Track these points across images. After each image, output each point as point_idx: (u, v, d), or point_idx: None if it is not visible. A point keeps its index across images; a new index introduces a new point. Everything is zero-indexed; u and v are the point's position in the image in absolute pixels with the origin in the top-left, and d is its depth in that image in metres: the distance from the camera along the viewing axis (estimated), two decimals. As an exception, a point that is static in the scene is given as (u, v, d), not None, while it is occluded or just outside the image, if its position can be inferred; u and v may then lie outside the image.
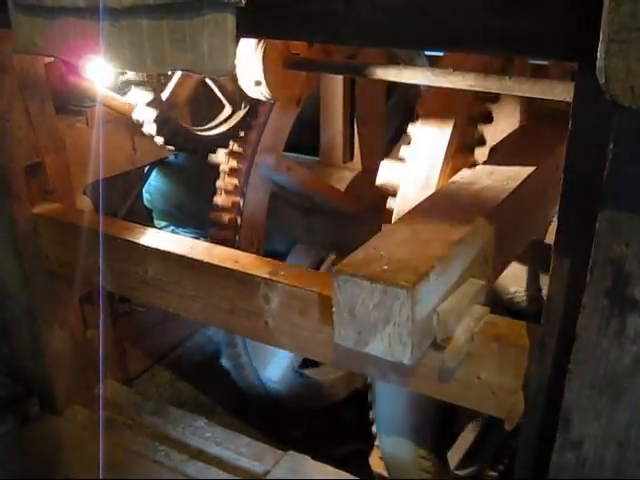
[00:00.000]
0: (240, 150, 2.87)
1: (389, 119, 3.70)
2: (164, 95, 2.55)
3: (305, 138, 3.38)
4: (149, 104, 2.39)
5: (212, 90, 2.76)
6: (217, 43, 1.19)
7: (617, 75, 0.90)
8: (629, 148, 0.99)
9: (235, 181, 2.88)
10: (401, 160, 2.19)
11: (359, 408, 2.61)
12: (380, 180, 2.23)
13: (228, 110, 2.82)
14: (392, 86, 3.57)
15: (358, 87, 3.42)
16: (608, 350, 1.14)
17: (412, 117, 2.23)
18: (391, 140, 3.81)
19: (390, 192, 2.20)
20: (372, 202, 3.12)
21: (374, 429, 2.50)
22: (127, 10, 1.22)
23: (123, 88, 2.50)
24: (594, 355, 1.16)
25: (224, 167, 2.90)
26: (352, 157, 3.56)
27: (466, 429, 2.76)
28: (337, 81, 3.39)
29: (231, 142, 2.90)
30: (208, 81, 2.71)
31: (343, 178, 3.49)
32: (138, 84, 2.33)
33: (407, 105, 3.75)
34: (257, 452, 2.42)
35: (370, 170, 3.36)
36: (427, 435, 2.42)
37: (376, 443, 2.57)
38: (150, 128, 2.48)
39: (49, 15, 1.39)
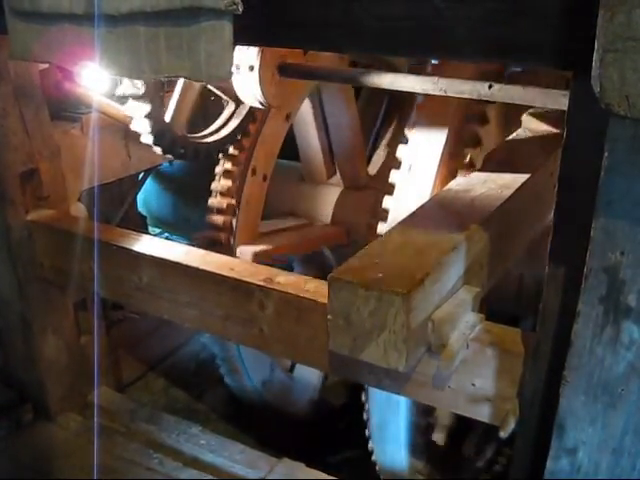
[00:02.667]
0: (236, 153, 2.86)
1: (364, 122, 3.52)
2: (170, 105, 2.55)
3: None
4: (147, 116, 2.37)
5: (208, 96, 2.76)
6: (214, 50, 1.19)
7: (612, 84, 0.91)
8: (623, 157, 1.00)
9: (229, 183, 2.87)
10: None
11: (355, 415, 2.61)
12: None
13: (229, 111, 2.80)
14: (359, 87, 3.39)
15: (324, 96, 3.16)
16: (603, 357, 1.15)
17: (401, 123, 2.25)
18: (374, 144, 3.74)
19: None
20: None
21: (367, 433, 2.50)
22: (124, 17, 1.22)
23: (120, 101, 2.49)
24: (589, 362, 1.16)
25: (219, 169, 2.90)
26: (335, 171, 3.41)
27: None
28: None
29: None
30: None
31: (329, 198, 3.36)
32: (135, 97, 2.32)
33: (380, 103, 3.69)
34: (251, 459, 2.42)
35: (354, 183, 3.33)
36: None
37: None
38: (148, 139, 2.47)
39: (45, 21, 1.39)
